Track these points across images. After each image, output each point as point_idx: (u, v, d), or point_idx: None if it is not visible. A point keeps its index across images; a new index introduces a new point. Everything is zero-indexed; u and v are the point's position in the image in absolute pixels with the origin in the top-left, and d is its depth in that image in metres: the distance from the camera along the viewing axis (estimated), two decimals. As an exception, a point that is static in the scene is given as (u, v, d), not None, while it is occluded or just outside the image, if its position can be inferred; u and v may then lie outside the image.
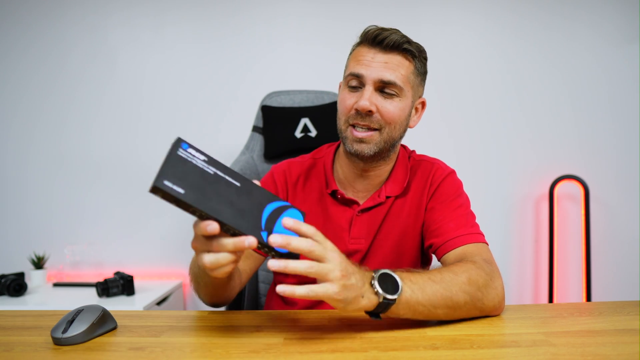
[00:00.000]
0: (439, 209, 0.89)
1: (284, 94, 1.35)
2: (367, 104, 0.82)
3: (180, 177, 0.53)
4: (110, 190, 1.91)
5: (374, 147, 0.85)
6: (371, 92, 0.84)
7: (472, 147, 1.96)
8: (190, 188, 0.54)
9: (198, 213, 0.55)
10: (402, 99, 0.86)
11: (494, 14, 1.95)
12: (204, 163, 0.56)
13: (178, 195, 0.52)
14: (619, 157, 1.97)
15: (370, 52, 0.85)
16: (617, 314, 0.73)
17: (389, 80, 0.83)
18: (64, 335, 0.60)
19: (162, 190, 0.52)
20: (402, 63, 0.85)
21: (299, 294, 0.57)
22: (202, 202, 0.54)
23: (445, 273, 0.69)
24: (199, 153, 0.56)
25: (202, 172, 0.55)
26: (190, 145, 0.55)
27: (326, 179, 0.95)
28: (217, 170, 0.57)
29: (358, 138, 0.85)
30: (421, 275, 0.67)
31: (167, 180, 0.52)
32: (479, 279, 0.70)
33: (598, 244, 1.95)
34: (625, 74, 1.96)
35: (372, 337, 0.63)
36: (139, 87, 1.92)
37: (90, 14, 1.89)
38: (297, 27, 1.92)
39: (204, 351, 0.59)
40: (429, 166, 0.95)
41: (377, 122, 0.85)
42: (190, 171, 0.54)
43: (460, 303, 0.67)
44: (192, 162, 0.55)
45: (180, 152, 0.55)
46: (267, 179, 0.99)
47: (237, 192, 0.58)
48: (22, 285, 1.60)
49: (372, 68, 0.84)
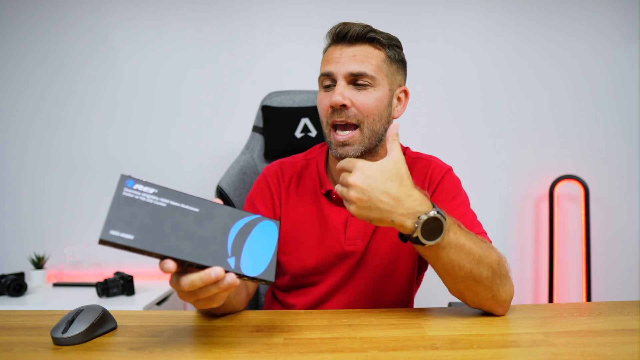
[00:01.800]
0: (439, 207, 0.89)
1: (284, 94, 1.35)
2: (339, 98, 0.81)
3: (128, 221, 0.50)
4: (110, 190, 1.89)
5: (358, 147, 0.84)
6: (343, 86, 0.82)
7: (472, 147, 1.96)
8: (140, 231, 0.50)
9: (154, 255, 0.51)
10: (377, 88, 0.84)
11: (493, 14, 1.95)
12: (154, 197, 0.53)
13: (128, 243, 0.49)
14: (619, 157, 1.97)
15: (337, 48, 0.86)
16: (617, 314, 0.73)
17: (358, 71, 0.82)
18: (64, 335, 0.60)
19: (110, 241, 0.49)
20: (370, 53, 0.84)
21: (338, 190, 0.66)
22: (155, 244, 0.51)
23: (484, 244, 0.71)
24: (147, 187, 0.53)
25: (153, 209, 0.52)
26: (136, 181, 0.52)
27: (320, 179, 0.94)
28: (170, 200, 0.53)
29: (340, 142, 0.84)
30: (467, 235, 0.69)
31: (113, 229, 0.49)
32: (504, 266, 0.72)
33: (598, 244, 1.95)
34: (625, 74, 1.96)
35: (372, 337, 0.63)
36: (139, 87, 1.92)
37: (90, 14, 1.89)
38: (297, 26, 1.92)
39: (204, 351, 0.58)
40: (426, 164, 0.94)
41: (354, 116, 0.83)
42: (138, 211, 0.51)
43: (483, 276, 0.69)
44: (141, 200, 0.52)
45: (125, 192, 0.51)
46: (260, 181, 0.98)
47: (196, 220, 0.54)
48: (22, 285, 1.60)
49: (341, 63, 0.83)
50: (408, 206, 0.63)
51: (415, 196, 0.64)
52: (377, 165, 0.64)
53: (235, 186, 1.20)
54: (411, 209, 0.63)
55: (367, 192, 0.62)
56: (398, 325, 0.67)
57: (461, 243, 0.66)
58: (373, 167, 0.64)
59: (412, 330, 0.65)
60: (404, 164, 0.65)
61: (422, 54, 1.94)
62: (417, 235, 0.63)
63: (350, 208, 0.64)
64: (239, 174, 1.24)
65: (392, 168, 0.64)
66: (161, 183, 0.56)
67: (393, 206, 0.63)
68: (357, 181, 0.63)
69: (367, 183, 0.62)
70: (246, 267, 0.55)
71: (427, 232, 0.63)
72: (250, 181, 1.24)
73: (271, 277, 0.56)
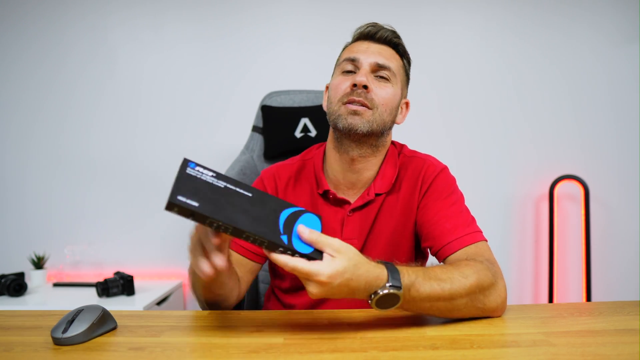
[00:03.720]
0: (432, 206, 0.88)
1: (283, 94, 1.35)
2: (364, 79, 0.84)
3: (192, 192, 0.55)
4: (110, 189, 1.91)
5: (367, 124, 0.85)
6: (367, 71, 0.86)
7: (472, 147, 1.96)
8: (204, 200, 0.55)
9: (215, 224, 0.56)
10: (394, 86, 0.89)
11: (494, 14, 1.95)
12: (213, 178, 0.58)
13: (193, 208, 0.54)
14: (619, 157, 1.97)
15: (364, 43, 0.90)
16: (617, 314, 0.73)
17: (383, 63, 0.87)
18: (64, 335, 0.60)
19: (178, 205, 0.54)
20: (393, 55, 0.91)
21: (289, 267, 0.59)
22: (217, 212, 0.56)
23: (455, 274, 0.69)
24: (206, 170, 0.58)
25: (213, 187, 0.57)
26: (197, 164, 0.58)
27: (317, 179, 0.94)
28: (227, 184, 0.59)
29: (352, 110, 0.85)
30: (433, 282, 0.66)
31: (180, 195, 0.54)
32: (485, 281, 0.70)
33: (598, 244, 1.95)
34: (625, 73, 1.96)
35: (372, 337, 0.63)
36: (139, 87, 1.92)
37: (90, 14, 1.89)
38: (297, 26, 1.92)
39: (204, 351, 0.58)
40: (421, 162, 0.94)
41: (371, 100, 0.86)
42: (201, 186, 0.56)
43: (461, 306, 0.68)
44: (202, 179, 0.57)
45: (189, 171, 0.57)
46: (256, 184, 0.98)
47: (251, 202, 0.59)
48: (22, 285, 1.60)
49: (368, 53, 0.88)
50: (365, 289, 0.62)
51: (370, 277, 0.62)
52: (333, 274, 0.59)
53: (235, 186, 1.20)
54: (368, 290, 0.62)
55: (328, 295, 0.62)
56: (398, 325, 0.67)
57: (427, 294, 0.65)
58: (330, 278, 0.59)
59: (412, 330, 0.65)
60: (351, 260, 0.61)
61: (422, 54, 1.94)
62: (373, 307, 0.64)
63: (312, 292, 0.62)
64: (238, 174, 1.24)
65: (344, 271, 0.60)
66: (161, 183, 0.57)
67: (352, 294, 0.63)
68: (316, 291, 0.60)
69: (326, 291, 0.60)
70: (298, 245, 0.59)
71: (383, 304, 0.64)
72: (250, 181, 1.24)
73: (320, 257, 0.60)
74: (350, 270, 0.60)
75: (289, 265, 0.59)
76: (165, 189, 1.91)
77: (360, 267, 0.61)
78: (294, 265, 0.58)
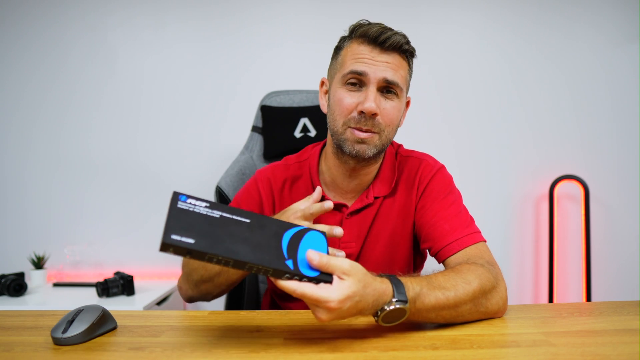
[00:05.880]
0: (430, 207, 0.88)
1: (283, 94, 1.35)
2: (374, 106, 0.80)
3: (186, 228, 0.52)
4: (110, 189, 1.91)
5: (373, 149, 0.84)
6: (375, 93, 0.81)
7: (472, 147, 1.96)
8: (200, 235, 0.52)
9: (215, 259, 0.53)
10: (400, 99, 0.85)
11: (493, 14, 1.95)
12: (207, 209, 0.55)
13: (189, 246, 0.51)
14: (619, 157, 1.97)
15: (369, 49, 0.82)
16: (617, 314, 0.73)
17: (392, 80, 0.81)
18: (64, 335, 0.60)
19: (172, 245, 0.51)
20: (401, 63, 0.84)
21: (297, 293, 0.56)
22: (216, 246, 0.52)
23: (459, 281, 0.68)
24: (199, 201, 0.55)
25: (207, 218, 0.54)
26: (188, 196, 0.55)
27: (312, 182, 0.93)
28: (222, 212, 0.56)
29: (360, 138, 0.82)
30: (435, 293, 0.65)
31: (174, 234, 0.51)
32: (487, 285, 0.70)
33: (598, 244, 1.95)
34: (625, 73, 1.96)
35: (372, 337, 0.63)
36: (139, 87, 1.91)
37: (90, 14, 1.89)
38: (297, 26, 1.92)
39: (204, 351, 0.58)
40: (417, 163, 0.93)
41: (378, 125, 0.83)
42: (195, 220, 0.53)
43: (465, 312, 0.68)
44: (195, 211, 0.54)
45: (180, 205, 0.54)
46: (250, 185, 0.96)
47: (250, 228, 0.56)
48: (22, 285, 1.60)
49: (376, 67, 0.81)
50: (372, 307, 0.61)
51: (376, 294, 0.60)
52: (342, 299, 0.57)
53: (235, 186, 1.20)
54: (374, 308, 0.61)
55: (337, 319, 0.59)
56: (398, 325, 0.67)
57: (432, 305, 0.64)
58: (340, 303, 0.57)
59: (412, 330, 0.65)
60: (360, 282, 0.59)
61: (422, 54, 1.93)
62: (379, 323, 0.62)
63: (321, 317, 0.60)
64: (238, 174, 1.24)
65: (353, 295, 0.58)
66: (161, 183, 0.56)
67: (359, 313, 0.61)
68: (326, 317, 0.58)
69: (335, 316, 0.58)
70: (304, 269, 0.56)
71: (390, 319, 0.62)
72: (250, 181, 1.24)
73: (330, 278, 0.57)
74: (360, 293, 0.58)
75: (297, 292, 0.56)
76: (165, 188, 1.92)
77: (368, 287, 0.59)
78: (302, 292, 0.55)
